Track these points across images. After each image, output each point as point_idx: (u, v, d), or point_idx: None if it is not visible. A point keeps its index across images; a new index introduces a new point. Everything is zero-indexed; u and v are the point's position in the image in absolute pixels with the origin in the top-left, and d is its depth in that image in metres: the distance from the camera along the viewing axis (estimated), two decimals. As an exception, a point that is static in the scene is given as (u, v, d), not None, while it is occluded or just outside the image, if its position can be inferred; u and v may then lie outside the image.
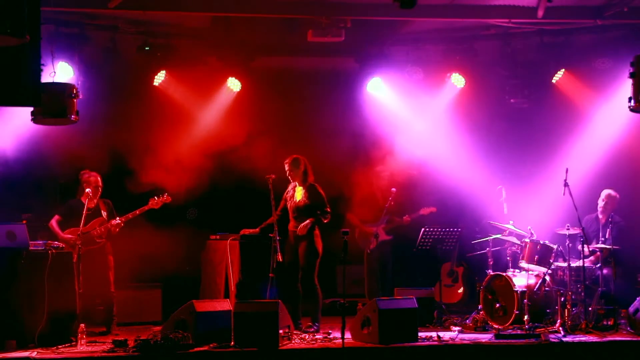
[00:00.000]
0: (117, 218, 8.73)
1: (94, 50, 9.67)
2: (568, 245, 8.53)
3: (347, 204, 10.21)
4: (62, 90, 7.96)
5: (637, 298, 8.17)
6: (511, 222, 9.16)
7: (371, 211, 10.06)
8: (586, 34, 10.25)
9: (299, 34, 9.72)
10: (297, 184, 8.71)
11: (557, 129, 10.75)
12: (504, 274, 8.79)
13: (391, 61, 10.62)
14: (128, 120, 9.98)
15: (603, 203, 9.24)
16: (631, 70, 7.49)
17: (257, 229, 8.84)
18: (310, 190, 8.62)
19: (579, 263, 8.56)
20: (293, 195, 8.72)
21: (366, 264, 10.06)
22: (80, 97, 8.09)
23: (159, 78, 10.10)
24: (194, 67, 10.15)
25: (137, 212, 8.83)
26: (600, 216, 9.24)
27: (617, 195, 9.26)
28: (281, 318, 7.32)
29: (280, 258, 8.16)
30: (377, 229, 9.92)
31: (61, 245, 7.97)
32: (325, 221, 8.65)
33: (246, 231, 8.89)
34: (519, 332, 8.15)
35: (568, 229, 8.58)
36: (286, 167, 8.68)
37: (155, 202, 8.89)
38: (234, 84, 10.44)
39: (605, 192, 9.28)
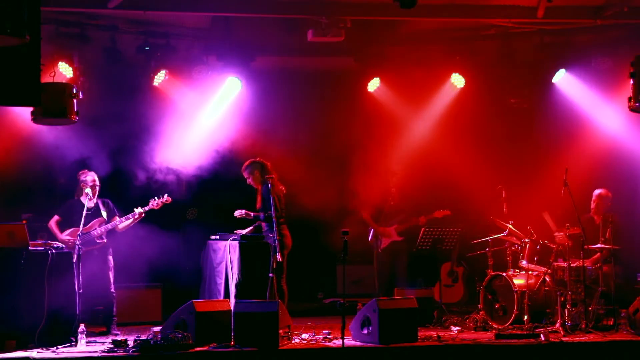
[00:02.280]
0: (139, 207, 8.70)
1: (94, 50, 9.67)
2: (568, 245, 8.53)
3: (359, 204, 10.22)
4: (62, 90, 7.95)
5: (637, 298, 8.17)
6: (511, 222, 9.15)
7: (376, 211, 10.11)
8: (586, 34, 10.26)
9: (299, 34, 9.72)
10: (258, 187, 8.80)
11: (557, 129, 10.75)
12: (504, 274, 8.79)
13: (391, 61, 10.62)
14: (128, 120, 9.98)
15: (594, 204, 9.23)
16: (631, 70, 7.49)
17: (251, 228, 8.89)
18: (262, 191, 8.69)
19: (578, 263, 8.56)
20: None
21: (376, 264, 10.06)
22: (80, 97, 8.09)
23: (159, 78, 10.10)
24: (194, 67, 10.16)
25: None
26: (594, 217, 9.23)
27: (609, 194, 9.23)
28: (281, 318, 7.32)
29: (280, 258, 8.16)
30: (392, 229, 9.95)
31: (61, 245, 7.96)
32: (280, 221, 8.59)
33: (239, 232, 8.92)
34: (519, 332, 8.15)
35: (568, 229, 8.57)
36: (244, 175, 8.84)
37: (155, 203, 8.86)
38: (234, 84, 10.44)
39: (595, 193, 9.27)
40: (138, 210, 8.70)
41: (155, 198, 8.88)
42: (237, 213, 8.83)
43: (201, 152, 10.08)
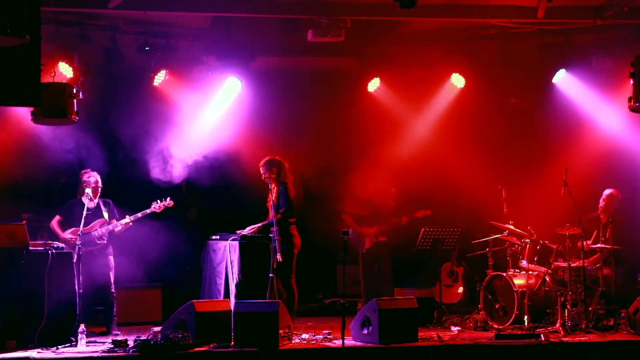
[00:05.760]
0: (127, 217, 8.71)
1: (94, 50, 9.67)
2: (568, 245, 8.53)
3: (343, 204, 10.22)
4: (62, 90, 7.95)
5: (637, 298, 8.17)
6: (511, 222, 9.15)
7: (367, 211, 10.08)
8: (586, 34, 10.26)
9: (299, 34, 9.72)
10: (274, 185, 8.73)
11: (557, 129, 10.75)
12: (504, 274, 8.80)
13: (391, 61, 10.62)
14: (128, 120, 9.98)
15: (604, 203, 9.22)
16: (631, 70, 7.49)
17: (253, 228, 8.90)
18: (279, 189, 8.61)
19: (578, 263, 8.56)
20: (271, 197, 8.79)
21: (361, 265, 10.06)
22: (80, 97, 8.09)
23: (159, 78, 10.10)
24: (194, 67, 10.16)
25: (139, 215, 8.80)
26: (601, 216, 9.22)
27: (619, 195, 9.24)
28: (281, 318, 7.32)
29: (280, 258, 8.15)
30: (374, 230, 9.93)
31: (61, 245, 7.96)
32: (290, 221, 8.61)
33: (240, 231, 8.91)
34: (519, 332, 8.15)
35: (568, 229, 8.58)
36: (261, 170, 8.74)
37: (157, 206, 8.85)
38: (234, 84, 10.44)
39: (606, 192, 9.26)
40: (123, 221, 8.69)
41: (158, 201, 8.87)
42: (248, 232, 8.74)
43: (201, 152, 10.08)
